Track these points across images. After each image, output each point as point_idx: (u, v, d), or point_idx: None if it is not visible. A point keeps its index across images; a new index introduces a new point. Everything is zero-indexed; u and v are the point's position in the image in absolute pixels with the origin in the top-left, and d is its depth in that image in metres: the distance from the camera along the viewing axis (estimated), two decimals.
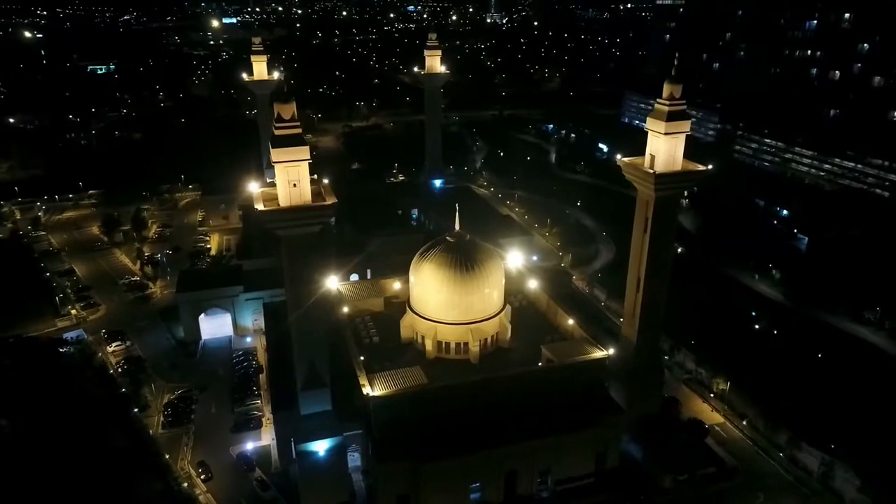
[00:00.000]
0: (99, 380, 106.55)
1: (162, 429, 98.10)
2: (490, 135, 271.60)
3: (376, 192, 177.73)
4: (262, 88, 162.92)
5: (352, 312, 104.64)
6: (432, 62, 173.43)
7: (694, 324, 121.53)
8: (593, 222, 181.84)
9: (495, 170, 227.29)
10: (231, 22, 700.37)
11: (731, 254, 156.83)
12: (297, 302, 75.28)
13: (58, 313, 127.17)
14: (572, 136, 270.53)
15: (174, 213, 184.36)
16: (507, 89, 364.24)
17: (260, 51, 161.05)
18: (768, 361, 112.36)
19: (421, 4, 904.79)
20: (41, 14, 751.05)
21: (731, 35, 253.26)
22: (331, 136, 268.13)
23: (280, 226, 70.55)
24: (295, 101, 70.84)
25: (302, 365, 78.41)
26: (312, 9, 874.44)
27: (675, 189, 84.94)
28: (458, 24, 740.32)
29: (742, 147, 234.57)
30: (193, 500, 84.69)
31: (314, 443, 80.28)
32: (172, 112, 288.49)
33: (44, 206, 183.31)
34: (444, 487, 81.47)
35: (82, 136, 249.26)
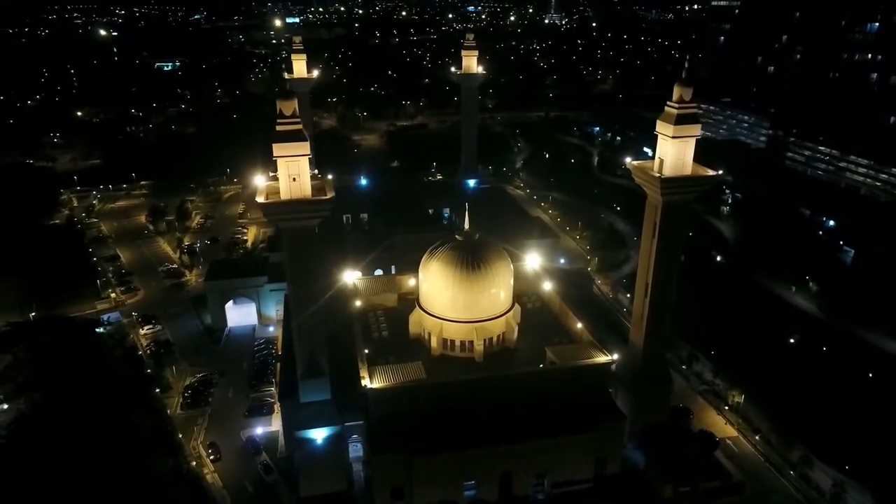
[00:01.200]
0: (128, 360, 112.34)
1: (180, 409, 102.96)
2: (534, 136, 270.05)
3: (409, 190, 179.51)
4: (301, 86, 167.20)
5: (365, 306, 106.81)
6: (469, 62, 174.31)
7: (719, 334, 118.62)
8: (627, 227, 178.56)
9: (535, 171, 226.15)
10: (294, 21, 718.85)
11: (770, 264, 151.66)
12: (297, 293, 77.86)
13: (98, 296, 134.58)
14: (617, 139, 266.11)
15: (217, 205, 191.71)
16: (556, 91, 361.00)
17: (300, 49, 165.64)
18: (793, 375, 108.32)
19: (481, 5, 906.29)
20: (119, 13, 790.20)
21: (787, 37, 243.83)
22: (375, 135, 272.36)
23: (279, 218, 73.27)
24: (296, 99, 73.31)
25: (302, 354, 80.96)
26: (374, 9, 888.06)
27: (684, 194, 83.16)
28: (516, 24, 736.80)
29: (794, 154, 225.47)
30: (201, 478, 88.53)
31: (312, 430, 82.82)
32: (227, 108, 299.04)
33: (99, 194, 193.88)
34: (437, 482, 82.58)
35: (141, 130, 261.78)
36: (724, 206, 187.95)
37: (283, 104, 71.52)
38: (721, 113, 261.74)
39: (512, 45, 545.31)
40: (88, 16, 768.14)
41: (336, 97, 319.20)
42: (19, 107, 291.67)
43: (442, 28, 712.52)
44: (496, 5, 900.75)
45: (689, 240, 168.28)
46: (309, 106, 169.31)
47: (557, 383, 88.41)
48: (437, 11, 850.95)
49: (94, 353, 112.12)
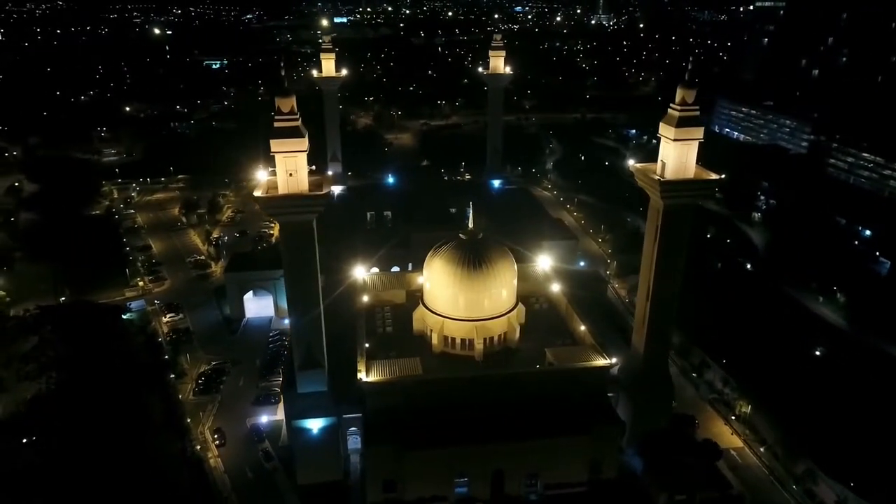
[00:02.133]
0: (148, 346, 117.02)
1: (192, 395, 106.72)
2: (568, 138, 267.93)
3: (433, 189, 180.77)
4: (330, 85, 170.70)
5: (374, 302, 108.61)
6: (496, 62, 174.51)
7: (736, 343, 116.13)
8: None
9: (565, 173, 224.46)
10: (341, 21, 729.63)
11: (798, 273, 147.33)
12: (294, 286, 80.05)
13: (127, 284, 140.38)
14: (653, 142, 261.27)
15: (248, 199, 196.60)
16: (596, 92, 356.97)
17: (329, 49, 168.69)
18: (809, 388, 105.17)
19: (529, 5, 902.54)
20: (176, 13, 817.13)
21: (833, 39, 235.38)
22: (409, 134, 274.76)
23: (276, 212, 75.61)
24: (294, 96, 75.01)
25: (299, 345, 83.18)
26: (421, 9, 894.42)
27: (685, 197, 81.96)
28: (562, 24, 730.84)
29: (837, 161, 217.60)
30: (204, 462, 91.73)
31: (308, 420, 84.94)
32: (267, 106, 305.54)
33: (137, 187, 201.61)
34: (428, 477, 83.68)
35: (183, 126, 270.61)
36: (756, 213, 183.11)
37: (280, 101, 73.67)
38: (762, 117, 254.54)
39: (556, 46, 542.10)
40: (147, 15, 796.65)
41: (373, 96, 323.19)
42: (73, 102, 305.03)
43: (487, 28, 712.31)
44: (544, 5, 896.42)
45: (716, 245, 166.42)
46: (336, 103, 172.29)
47: (554, 385, 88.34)
48: (484, 12, 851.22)
49: (116, 338, 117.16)
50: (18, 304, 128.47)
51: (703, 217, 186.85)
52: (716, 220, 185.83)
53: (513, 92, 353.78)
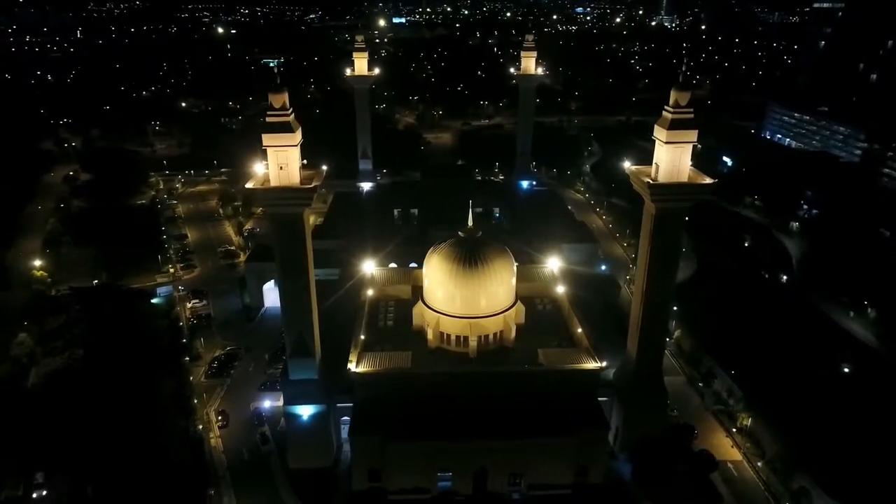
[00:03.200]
0: (169, 329, 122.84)
1: (204, 378, 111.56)
2: (610, 140, 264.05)
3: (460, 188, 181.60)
4: (362, 83, 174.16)
5: (379, 296, 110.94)
6: (527, 63, 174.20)
7: (753, 354, 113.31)
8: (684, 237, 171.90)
9: (602, 176, 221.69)
10: (400, 21, 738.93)
11: (831, 286, 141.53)
12: (285, 275, 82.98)
13: (159, 270, 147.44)
14: (698, 147, 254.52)
15: None
16: (646, 95, 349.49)
17: (362, 48, 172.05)
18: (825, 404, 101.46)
19: (591, 6, 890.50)
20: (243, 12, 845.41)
21: (893, 43, 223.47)
22: (449, 133, 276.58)
23: (266, 203, 78.72)
24: (287, 92, 77.72)
25: (290, 334, 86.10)
26: (480, 10, 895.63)
27: (676, 201, 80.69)
28: (621, 26, 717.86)
29: (891, 170, 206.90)
30: (204, 441, 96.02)
31: (299, 407, 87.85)
32: (314, 103, 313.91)
33: (182, 178, 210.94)
34: (411, 469, 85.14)
35: (231, 121, 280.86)
36: (794, 222, 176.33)
37: (273, 97, 76.55)
38: (815, 123, 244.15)
39: (612, 48, 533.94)
40: (216, 15, 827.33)
41: (419, 95, 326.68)
42: (134, 97, 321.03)
43: (544, 30, 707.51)
44: (606, 6, 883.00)
45: (751, 255, 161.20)
46: (367, 102, 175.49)
47: (542, 385, 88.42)
48: (544, 13, 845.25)
49: (141, 321, 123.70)
50: (59, 284, 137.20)
51: (741, 225, 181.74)
52: (753, 228, 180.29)
53: (558, 93, 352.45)
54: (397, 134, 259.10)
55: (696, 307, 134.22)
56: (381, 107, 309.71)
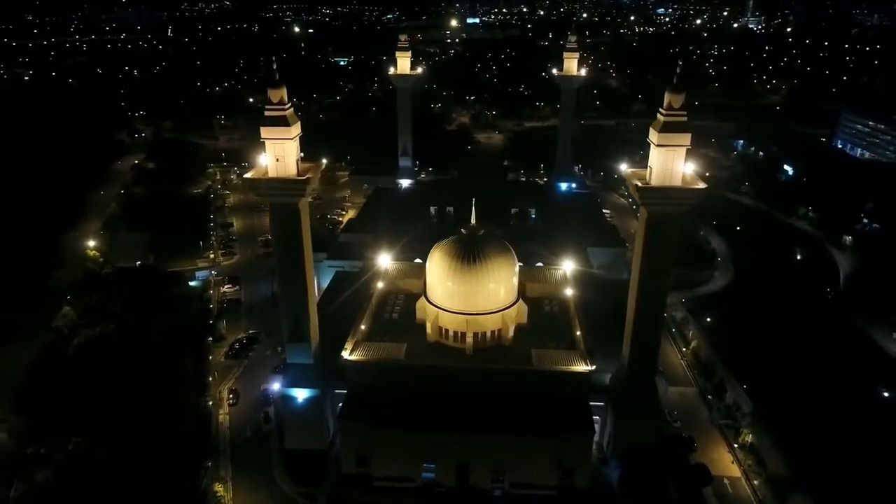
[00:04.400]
0: (200, 311, 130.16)
1: (224, 358, 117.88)
2: None
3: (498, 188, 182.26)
4: (404, 82, 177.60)
5: (391, 289, 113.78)
6: (570, 64, 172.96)
7: (777, 371, 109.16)
8: (724, 246, 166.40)
9: None
10: (474, 22, 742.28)
11: (879, 306, 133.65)
12: (283, 262, 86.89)
13: (201, 255, 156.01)
14: (760, 155, 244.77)
15: (331, 187, 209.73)
16: (715, 100, 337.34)
17: (405, 48, 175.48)
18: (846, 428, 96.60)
19: (673, 7, 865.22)
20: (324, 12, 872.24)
21: None
22: (501, 134, 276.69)
23: (262, 193, 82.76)
24: (285, 87, 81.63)
25: (288, 319, 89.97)
26: (557, 10, 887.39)
27: (667, 206, 78.85)
28: (702, 27, 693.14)
29: None
30: (213, 417, 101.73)
31: (294, 389, 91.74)
32: (375, 101, 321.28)
33: (238, 170, 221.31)
34: (395, 457, 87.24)
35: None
36: (848, 236, 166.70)
37: (271, 92, 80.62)
38: (890, 132, 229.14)
39: (688, 50, 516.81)
40: (298, 14, 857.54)
41: (476, 95, 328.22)
42: (207, 92, 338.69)
43: (619, 31, 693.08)
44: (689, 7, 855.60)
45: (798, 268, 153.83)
46: (409, 100, 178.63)
47: (531, 385, 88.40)
48: (623, 14, 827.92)
49: (176, 301, 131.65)
50: (109, 264, 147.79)
51: (792, 237, 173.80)
52: (804, 240, 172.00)
53: (623, 95, 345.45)
54: (447, 133, 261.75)
55: (726, 318, 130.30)
56: (437, 106, 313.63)
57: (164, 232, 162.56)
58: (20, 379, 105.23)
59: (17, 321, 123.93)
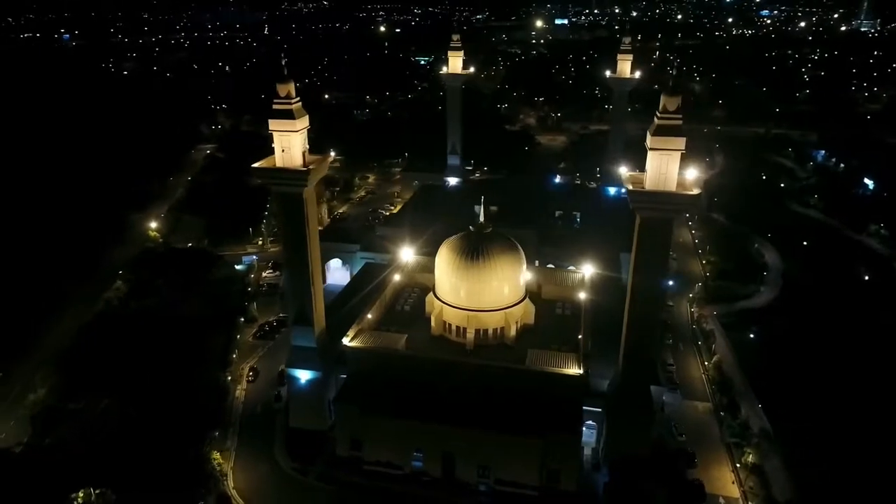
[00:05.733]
0: (239, 293, 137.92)
1: (252, 338, 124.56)
2: (738, 152, 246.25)
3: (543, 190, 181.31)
4: (454, 81, 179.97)
5: (407, 282, 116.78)
6: (623, 66, 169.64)
7: (803, 395, 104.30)
8: (777, 260, 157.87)
9: (713, 189, 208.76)
10: (562, 23, 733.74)
11: None
12: (288, 248, 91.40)
13: (250, 241, 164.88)
14: (841, 166, 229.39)
15: (385, 183, 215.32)
16: (806, 107, 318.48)
17: (457, 47, 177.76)
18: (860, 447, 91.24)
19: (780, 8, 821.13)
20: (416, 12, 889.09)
21: None
22: (565, 136, 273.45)
23: (267, 182, 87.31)
24: (293, 82, 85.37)
25: (293, 302, 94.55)
26: (652, 12, 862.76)
27: (658, 211, 76.97)
28: (807, 30, 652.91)
29: None
30: (230, 392, 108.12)
31: (298, 371, 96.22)
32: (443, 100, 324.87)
33: None
34: (386, 443, 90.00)
35: (361, 114, 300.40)
36: None
37: (280, 87, 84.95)
38: None
39: (786, 54, 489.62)
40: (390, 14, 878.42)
41: (546, 97, 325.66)
42: None
43: (716, 33, 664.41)
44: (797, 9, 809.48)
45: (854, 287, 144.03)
46: (459, 99, 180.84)
47: (523, 385, 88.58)
48: (722, 15, 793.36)
49: (218, 283, 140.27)
50: (167, 245, 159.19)
51: (858, 255, 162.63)
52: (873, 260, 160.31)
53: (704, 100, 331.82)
54: (508, 133, 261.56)
55: (763, 335, 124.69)
56: (504, 106, 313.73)
57: (221, 218, 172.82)
58: (69, 342, 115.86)
59: (80, 290, 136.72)
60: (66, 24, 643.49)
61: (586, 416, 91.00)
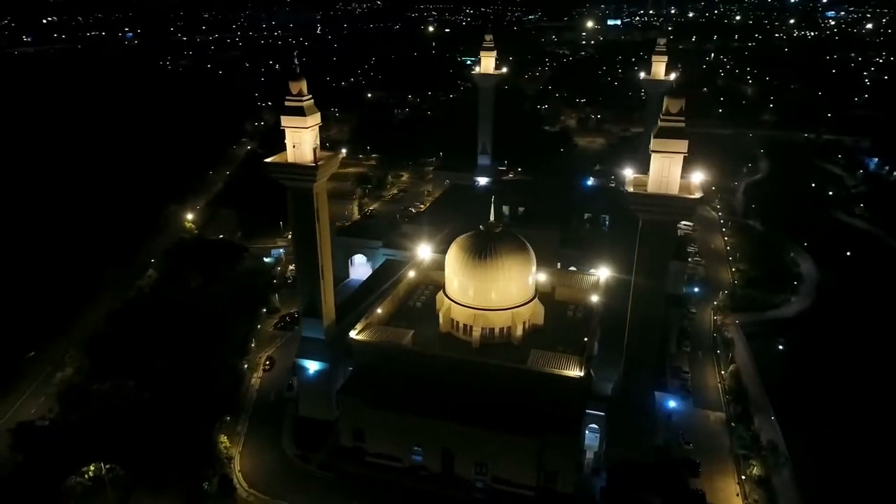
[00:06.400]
0: (264, 285, 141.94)
1: (273, 329, 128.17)
2: (784, 158, 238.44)
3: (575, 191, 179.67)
4: (486, 81, 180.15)
5: (422, 279, 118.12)
6: (657, 68, 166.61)
7: (821, 408, 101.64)
8: (813, 270, 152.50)
9: (755, 194, 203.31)
10: (614, 23, 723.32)
11: None
12: (298, 242, 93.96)
13: (280, 234, 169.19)
14: (894, 175, 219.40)
15: (418, 181, 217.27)
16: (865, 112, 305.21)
17: (490, 48, 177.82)
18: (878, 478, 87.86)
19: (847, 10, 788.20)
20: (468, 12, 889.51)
21: None
22: (604, 138, 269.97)
23: (277, 176, 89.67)
24: (305, 80, 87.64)
25: (303, 294, 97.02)
26: (711, 12, 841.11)
27: (657, 214, 75.88)
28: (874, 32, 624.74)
29: None
30: (245, 379, 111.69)
31: (306, 361, 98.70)
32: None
33: None
34: (387, 436, 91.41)
35: (401, 113, 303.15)
36: None
37: (292, 84, 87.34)
38: None
39: (849, 57, 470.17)
40: (442, 14, 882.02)
41: (587, 98, 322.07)
42: (333, 86, 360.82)
43: (775, 35, 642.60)
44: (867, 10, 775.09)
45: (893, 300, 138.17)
46: (491, 99, 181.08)
47: (522, 384, 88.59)
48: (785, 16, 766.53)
49: (245, 274, 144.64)
50: (201, 237, 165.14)
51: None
52: None
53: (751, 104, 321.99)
54: (546, 135, 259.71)
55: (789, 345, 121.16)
56: (544, 107, 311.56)
57: (255, 212, 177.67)
58: (101, 326, 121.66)
59: (117, 277, 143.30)
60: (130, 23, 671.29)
61: (589, 419, 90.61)
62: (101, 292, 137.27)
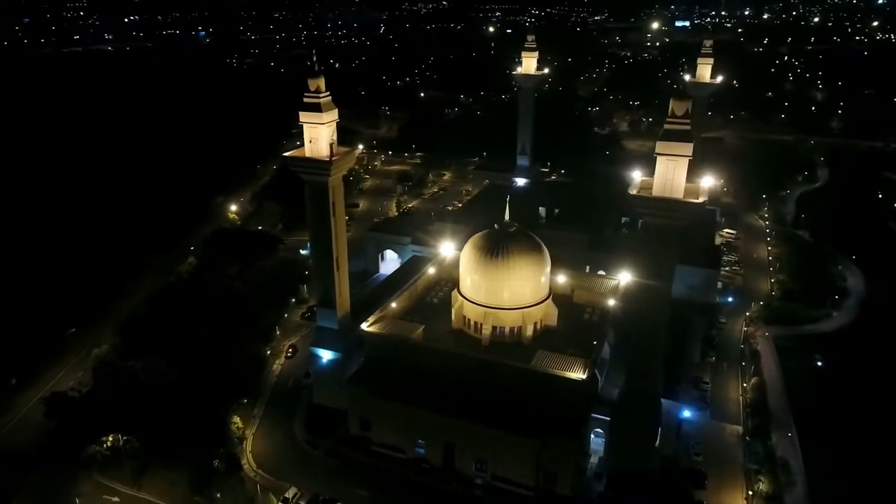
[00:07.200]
0: (296, 275, 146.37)
1: (300, 318, 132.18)
2: (844, 167, 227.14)
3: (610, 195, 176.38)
4: (528, 82, 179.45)
5: (442, 276, 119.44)
6: (703, 70, 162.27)
7: (849, 428, 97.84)
8: (860, 284, 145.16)
9: (808, 203, 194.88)
10: (683, 25, 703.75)
11: None
12: (314, 234, 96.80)
13: None
14: None
15: (460, 180, 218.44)
16: None
17: (532, 48, 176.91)
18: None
19: None
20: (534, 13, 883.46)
21: None
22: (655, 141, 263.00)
23: (295, 170, 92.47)
24: (323, 77, 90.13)
25: (318, 285, 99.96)
26: (788, 14, 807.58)
27: (661, 217, 74.49)
28: None
29: None
30: (268, 364, 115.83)
31: (320, 350, 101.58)
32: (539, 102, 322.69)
33: (383, 157, 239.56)
34: (391, 427, 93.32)
35: (451, 112, 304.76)
36: None
37: (311, 82, 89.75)
38: None
39: None
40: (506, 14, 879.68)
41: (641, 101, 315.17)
42: (389, 85, 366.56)
43: (856, 38, 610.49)
44: None
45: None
46: (532, 100, 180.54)
47: (526, 384, 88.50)
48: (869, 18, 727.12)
49: (279, 265, 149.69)
50: (244, 227, 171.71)
51: None
52: None
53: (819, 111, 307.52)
54: (595, 138, 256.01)
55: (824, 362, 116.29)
56: (595, 109, 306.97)
57: (297, 206, 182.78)
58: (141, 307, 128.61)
59: (160, 261, 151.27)
60: (204, 22, 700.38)
61: (595, 423, 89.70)
62: (145, 276, 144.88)
